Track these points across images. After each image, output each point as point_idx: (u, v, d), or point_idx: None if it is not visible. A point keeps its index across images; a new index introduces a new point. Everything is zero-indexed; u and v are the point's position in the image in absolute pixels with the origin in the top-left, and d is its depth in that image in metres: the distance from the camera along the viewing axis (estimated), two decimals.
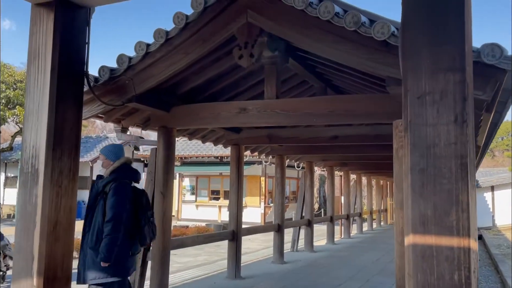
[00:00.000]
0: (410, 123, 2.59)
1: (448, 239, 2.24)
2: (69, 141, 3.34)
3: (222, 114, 4.91)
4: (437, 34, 2.53)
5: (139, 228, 3.39)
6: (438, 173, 2.34)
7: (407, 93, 2.66)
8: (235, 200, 7.00)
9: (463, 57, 2.44)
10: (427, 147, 2.42)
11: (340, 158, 9.73)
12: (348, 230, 13.74)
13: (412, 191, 2.50)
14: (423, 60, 2.59)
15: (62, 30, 3.27)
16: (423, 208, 2.36)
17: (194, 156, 17.41)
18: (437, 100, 2.49)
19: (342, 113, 4.33)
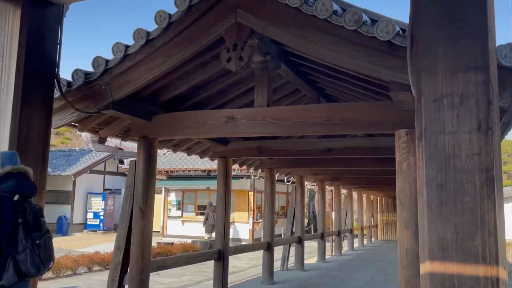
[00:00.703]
0: (425, 131, 2.20)
1: (473, 267, 1.87)
2: (35, 151, 2.94)
3: (208, 124, 4.50)
4: (455, 27, 2.17)
5: (15, 253, 2.46)
6: (459, 189, 1.98)
7: (421, 97, 2.29)
8: (222, 216, 6.54)
9: (486, 54, 2.08)
10: (445, 159, 2.04)
11: (332, 172, 9.37)
12: (339, 247, 13.31)
13: (429, 210, 2.12)
14: (440, 58, 2.23)
15: (30, 29, 2.91)
16: (442, 230, 1.98)
17: (180, 170, 16.88)
18: (456, 104, 2.11)
19: (339, 122, 3.96)
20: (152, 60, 4.06)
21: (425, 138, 2.23)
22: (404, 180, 3.65)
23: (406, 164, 3.65)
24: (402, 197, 3.66)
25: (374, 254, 14.00)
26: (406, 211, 3.62)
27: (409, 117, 3.71)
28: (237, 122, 4.38)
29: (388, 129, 3.81)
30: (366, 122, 3.87)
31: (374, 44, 3.23)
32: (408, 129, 3.68)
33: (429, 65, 2.28)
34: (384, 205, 23.06)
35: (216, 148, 6.56)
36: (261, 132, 4.32)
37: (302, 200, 9.60)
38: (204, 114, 4.57)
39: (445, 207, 2.08)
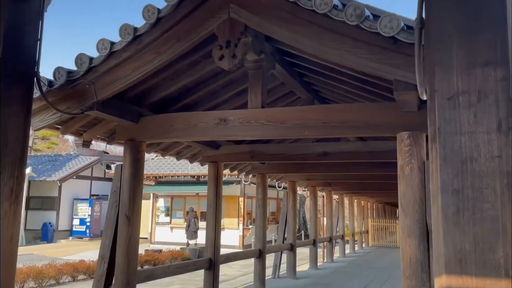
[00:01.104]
0: (439, 132, 1.99)
1: (494, 281, 1.69)
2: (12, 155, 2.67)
3: (199, 126, 4.27)
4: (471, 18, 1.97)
5: None
6: (478, 196, 1.80)
7: (434, 94, 2.09)
8: (213, 224, 6.29)
9: (505, 48, 1.88)
10: (462, 162, 1.84)
11: (326, 177, 9.18)
12: (331, 253, 13.11)
13: (444, 219, 1.91)
14: (454, 52, 2.03)
15: (8, 24, 2.65)
16: (459, 241, 1.81)
17: (169, 175, 16.56)
18: (473, 102, 1.91)
19: (337, 125, 3.75)
20: (140, 58, 3.83)
21: (439, 140, 2.03)
22: (407, 185, 3.45)
23: (409, 168, 3.46)
24: (405, 203, 3.46)
25: (366, 260, 13.82)
26: (409, 218, 3.42)
27: (411, 119, 3.53)
28: (230, 124, 4.16)
29: (389, 131, 3.62)
30: (366, 124, 3.67)
31: (377, 41, 3.04)
32: (410, 132, 3.49)
33: (443, 60, 2.08)
34: (374, 211, 22.98)
35: (207, 152, 6.31)
36: (255, 135, 4.10)
37: (294, 206, 9.39)
38: (195, 116, 4.34)
39: (463, 215, 1.89)
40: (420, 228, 3.38)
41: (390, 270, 11.47)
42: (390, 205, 29.21)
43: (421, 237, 3.37)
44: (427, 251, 3.39)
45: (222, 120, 4.19)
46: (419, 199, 3.41)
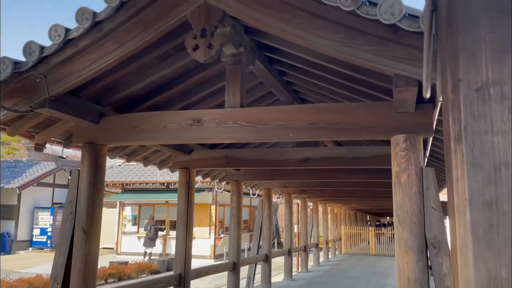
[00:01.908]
0: (466, 131, 1.62)
1: None
2: None
3: (169, 127, 3.77)
4: None
5: None
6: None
7: (458, 85, 1.74)
8: (183, 235, 5.76)
9: None
10: (495, 167, 1.63)
11: (303, 185, 8.81)
12: (306, 262, 12.74)
13: (474, 238, 1.56)
14: (483, 33, 1.68)
15: None
16: (493, 265, 1.47)
17: (136, 182, 15.79)
18: (507, 95, 1.59)
19: (325, 126, 3.35)
20: (100, 47, 3.32)
21: (465, 140, 1.68)
22: (404, 194, 3.09)
23: (406, 175, 3.09)
24: (402, 214, 3.08)
25: (341, 269, 13.54)
26: (406, 231, 3.04)
27: (407, 121, 3.17)
28: (204, 125, 3.69)
29: (383, 134, 3.25)
30: (357, 126, 3.29)
31: (375, 30, 2.67)
32: (407, 135, 3.13)
33: (469, 44, 1.73)
34: (347, 218, 22.89)
35: (178, 158, 5.80)
36: (233, 138, 3.64)
37: (270, 215, 8.96)
38: (164, 116, 3.84)
39: (498, 233, 1.57)
40: (419, 242, 3.01)
41: (366, 279, 11.21)
42: (362, 212, 29.30)
43: (419, 252, 3.00)
44: (427, 269, 3.03)
45: (196, 121, 3.72)
46: (417, 209, 3.05)
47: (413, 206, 3.05)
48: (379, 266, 14.35)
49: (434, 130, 3.24)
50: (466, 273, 1.61)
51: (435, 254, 2.98)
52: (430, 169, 3.10)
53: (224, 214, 17.31)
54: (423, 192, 3.07)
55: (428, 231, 3.02)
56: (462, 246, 1.65)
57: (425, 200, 3.06)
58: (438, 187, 3.11)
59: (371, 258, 17.66)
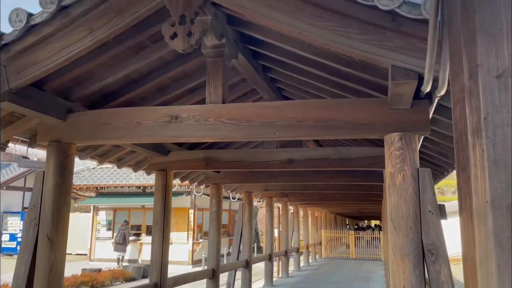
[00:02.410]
0: (486, 123, 1.45)
1: None
2: None
3: (144, 124, 3.46)
4: None
5: None
6: None
7: (476, 71, 1.52)
8: (159, 241, 5.42)
9: None
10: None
11: (285, 188, 8.56)
12: (286, 267, 12.51)
13: (497, 246, 1.50)
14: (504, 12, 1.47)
15: None
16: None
17: (111, 186, 15.24)
18: None
19: (314, 124, 3.11)
20: (67, 35, 3.00)
21: (486, 134, 1.47)
22: (399, 197, 2.87)
23: (401, 176, 2.88)
24: (397, 218, 2.86)
25: (322, 274, 13.35)
26: (402, 237, 2.82)
27: (402, 118, 2.96)
28: (183, 123, 3.39)
29: (376, 132, 3.03)
30: (348, 124, 3.06)
31: (371, 17, 2.45)
32: (402, 133, 2.92)
33: (488, 24, 1.53)
34: (327, 221, 22.81)
35: (154, 159, 5.46)
36: (214, 136, 3.36)
37: (251, 219, 8.68)
38: (139, 112, 3.52)
39: None
40: (416, 249, 2.79)
41: (348, 284, 11.07)
42: (341, 215, 29.33)
43: (416, 259, 2.79)
44: (423, 277, 2.81)
45: (173, 118, 3.42)
46: (413, 213, 2.83)
47: (409, 209, 2.84)
48: (360, 271, 14.25)
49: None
50: (489, 285, 1.39)
51: (432, 262, 2.77)
52: (427, 170, 2.90)
53: (203, 218, 16.92)
54: (419, 194, 2.86)
55: (425, 237, 2.81)
56: (483, 255, 1.43)
57: (421, 203, 2.85)
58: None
59: (351, 262, 17.59)
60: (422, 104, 2.93)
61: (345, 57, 3.13)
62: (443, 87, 2.36)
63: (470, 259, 1.58)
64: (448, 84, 2.40)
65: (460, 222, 1.72)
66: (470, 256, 1.59)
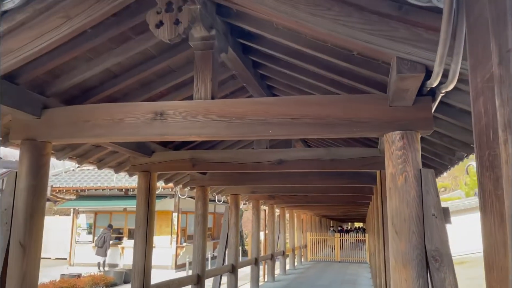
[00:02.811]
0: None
1: None
2: None
3: (126, 122, 3.21)
4: None
5: None
6: None
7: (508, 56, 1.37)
8: (142, 246, 5.15)
9: None
10: None
11: (273, 190, 8.35)
12: (272, 271, 12.30)
13: None
14: None
15: None
16: None
17: (92, 188, 14.80)
18: None
19: (311, 122, 2.92)
20: (42, 22, 2.74)
21: None
22: (401, 200, 2.69)
23: (403, 178, 2.70)
24: (399, 222, 2.68)
25: (308, 277, 13.19)
26: (404, 242, 2.64)
27: (404, 116, 2.79)
28: (169, 120, 3.16)
29: (376, 130, 2.85)
30: (347, 121, 2.87)
31: (375, 5, 2.26)
32: (404, 132, 2.75)
33: None
34: (312, 224, 22.72)
35: (137, 160, 5.19)
36: (202, 134, 3.13)
37: (237, 222, 8.44)
38: (121, 108, 3.27)
39: None
40: (419, 255, 2.62)
41: None
42: (326, 218, 29.29)
43: (419, 267, 2.61)
44: (427, 285, 2.64)
45: (158, 115, 3.18)
46: (416, 217, 2.66)
47: (411, 213, 2.66)
48: (346, 274, 14.15)
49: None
50: None
51: (436, 269, 2.60)
52: (430, 170, 2.73)
53: (187, 221, 16.59)
54: (422, 196, 2.69)
55: (428, 242, 2.64)
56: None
57: (424, 206, 2.67)
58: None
59: (337, 265, 17.50)
60: (424, 101, 2.77)
61: (343, 51, 2.95)
62: (453, 80, 2.20)
63: (500, 269, 1.39)
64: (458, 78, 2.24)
65: (483, 227, 1.54)
66: (499, 265, 1.40)
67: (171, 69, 4.02)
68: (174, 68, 4.00)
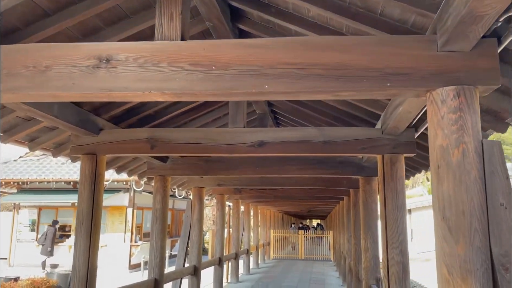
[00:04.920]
0: None
1: None
2: None
3: (55, 71, 2.22)
4: None
5: None
6: None
7: None
8: (85, 246, 4.09)
9: None
10: None
11: (242, 182, 7.43)
12: (236, 272, 11.41)
13: None
14: None
15: None
16: None
17: (35, 181, 13.25)
18: None
19: (325, 73, 2.06)
20: None
21: None
22: (457, 183, 1.88)
23: (460, 152, 1.89)
24: (454, 216, 1.87)
25: (274, 277, 12.41)
26: (463, 245, 1.83)
27: (459, 65, 1.99)
28: (119, 69, 2.19)
29: (418, 85, 2.02)
30: (376, 72, 2.03)
31: None
32: (460, 87, 1.95)
33: None
34: (275, 221, 22.05)
35: (80, 139, 4.12)
36: (168, 90, 2.17)
37: (201, 219, 7.45)
38: (49, 51, 2.27)
39: None
40: (484, 262, 1.82)
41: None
42: (288, 215, 28.77)
43: (484, 278, 1.81)
44: None
45: (104, 61, 2.21)
46: (479, 208, 1.86)
47: (472, 202, 1.86)
48: (313, 273, 13.51)
49: None
50: None
51: (508, 281, 1.82)
52: (496, 143, 1.94)
53: (143, 218, 15.37)
54: (485, 179, 1.90)
55: (495, 244, 1.85)
56: None
57: (488, 193, 1.88)
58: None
59: (301, 263, 16.88)
60: (487, 45, 1.98)
61: None
62: None
63: None
64: None
65: None
66: None
67: (125, 14, 3.02)
68: (129, 11, 3.01)
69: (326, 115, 4.89)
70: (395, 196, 3.64)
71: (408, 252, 3.60)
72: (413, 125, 3.66)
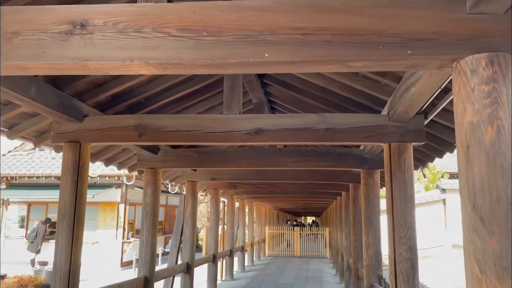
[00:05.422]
0: None
1: None
2: None
3: (24, 38, 1.94)
4: None
5: None
6: None
7: None
8: (67, 242, 3.79)
9: None
10: None
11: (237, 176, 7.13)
12: (231, 269, 11.14)
13: None
14: None
15: None
16: None
17: (25, 176, 12.89)
18: None
19: (335, 40, 1.79)
20: None
21: None
22: (491, 166, 1.61)
23: (495, 130, 1.62)
24: (487, 204, 1.60)
25: (269, 274, 12.16)
26: (498, 237, 1.56)
27: (492, 29, 1.71)
28: (96, 35, 1.90)
29: (444, 52, 1.75)
30: (394, 38, 1.75)
31: None
32: (494, 54, 1.67)
33: None
34: (270, 217, 21.80)
35: (62, 126, 3.82)
36: (152, 60, 1.88)
37: (194, 214, 7.15)
38: (16, 15, 1.96)
39: None
40: None
41: (300, 286, 9.98)
42: (283, 211, 28.54)
43: None
44: None
45: (79, 26, 1.91)
46: None
47: (508, 187, 1.59)
48: (309, 270, 13.28)
49: None
50: None
51: None
52: None
53: (135, 214, 15.05)
54: None
55: None
56: None
57: None
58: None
59: (297, 260, 16.64)
60: None
61: None
62: None
63: None
64: None
65: None
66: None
67: None
68: None
69: (327, 104, 4.61)
70: (403, 187, 3.37)
71: (417, 248, 3.33)
72: (423, 111, 3.39)
